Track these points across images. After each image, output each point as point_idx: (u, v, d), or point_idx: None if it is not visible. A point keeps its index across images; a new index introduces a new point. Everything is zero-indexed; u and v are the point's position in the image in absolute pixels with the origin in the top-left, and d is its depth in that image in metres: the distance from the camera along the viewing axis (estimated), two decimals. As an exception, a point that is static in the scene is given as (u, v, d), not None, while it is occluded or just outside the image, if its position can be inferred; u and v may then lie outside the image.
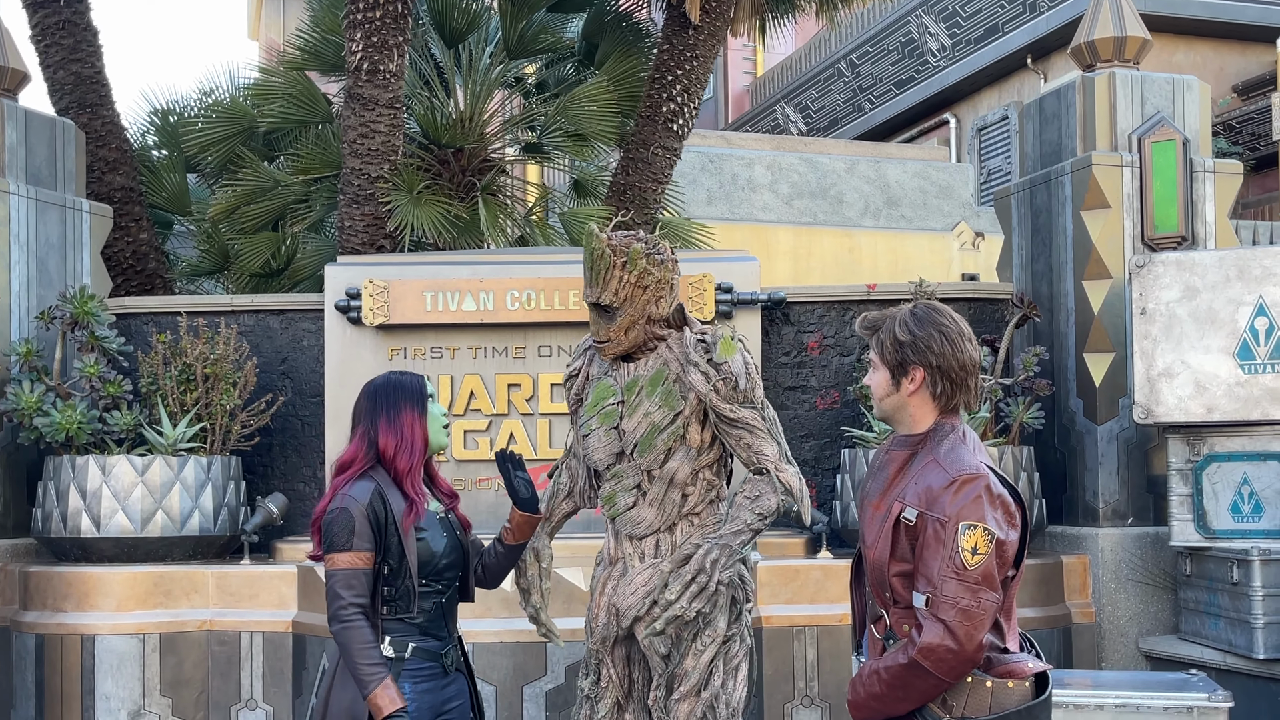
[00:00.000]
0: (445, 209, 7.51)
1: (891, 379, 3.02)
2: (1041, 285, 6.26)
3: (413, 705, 3.35)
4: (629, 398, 3.65)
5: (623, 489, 3.66)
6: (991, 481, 2.87)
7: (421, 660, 3.41)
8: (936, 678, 2.83)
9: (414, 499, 3.41)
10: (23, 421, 5.88)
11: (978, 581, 2.79)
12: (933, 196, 12.87)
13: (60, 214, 6.63)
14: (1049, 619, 5.56)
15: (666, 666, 3.63)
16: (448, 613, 3.52)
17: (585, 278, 3.62)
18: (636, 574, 3.65)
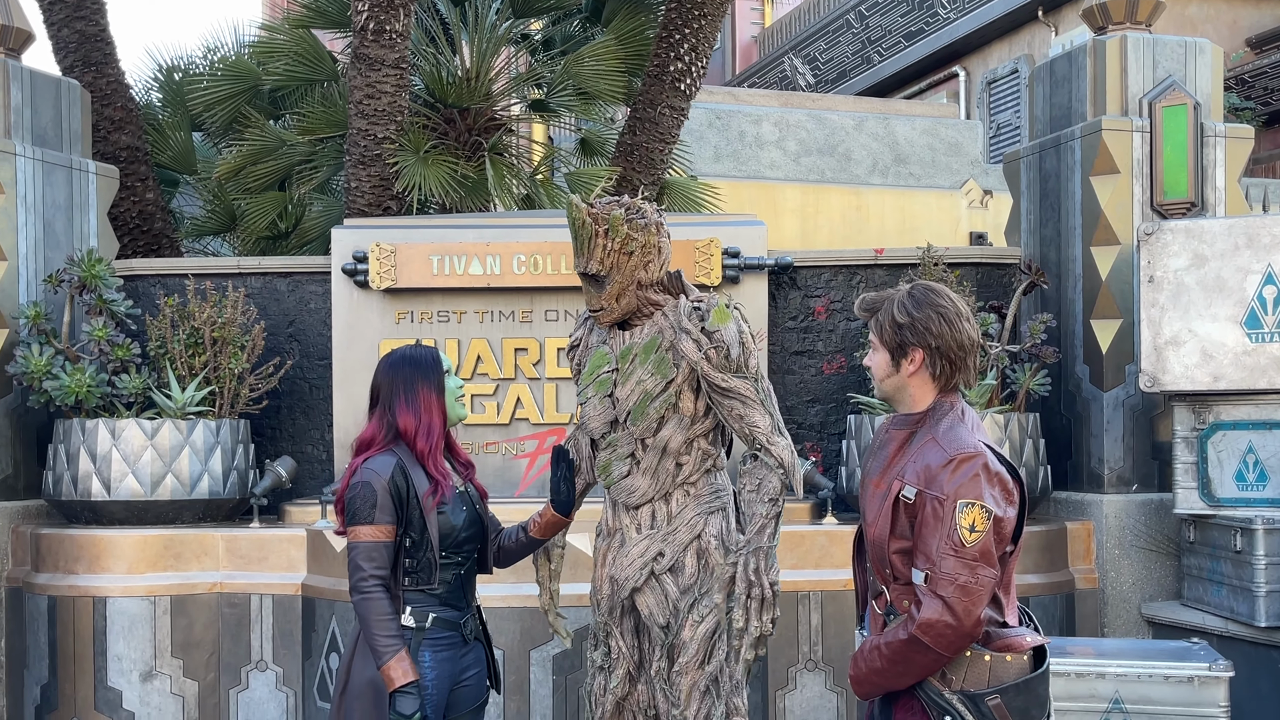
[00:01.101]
0: (452, 169, 7.48)
1: (891, 361, 3.07)
2: (1049, 251, 6.24)
3: (432, 673, 3.44)
4: (623, 365, 3.65)
5: (617, 457, 3.67)
6: (989, 459, 2.91)
7: (441, 630, 3.48)
8: (936, 653, 2.89)
9: (438, 480, 3.48)
10: (32, 384, 5.90)
11: (975, 558, 2.85)
12: (941, 154, 12.80)
13: (66, 175, 6.62)
14: (1052, 585, 5.60)
15: (666, 637, 3.64)
16: (466, 583, 3.60)
17: (573, 248, 3.62)
18: (633, 545, 3.66)
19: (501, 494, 5.95)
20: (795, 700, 5.57)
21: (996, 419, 5.57)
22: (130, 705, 5.62)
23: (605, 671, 3.80)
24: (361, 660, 3.44)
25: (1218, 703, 4.20)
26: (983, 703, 2.88)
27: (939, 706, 2.92)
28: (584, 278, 3.63)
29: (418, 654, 3.42)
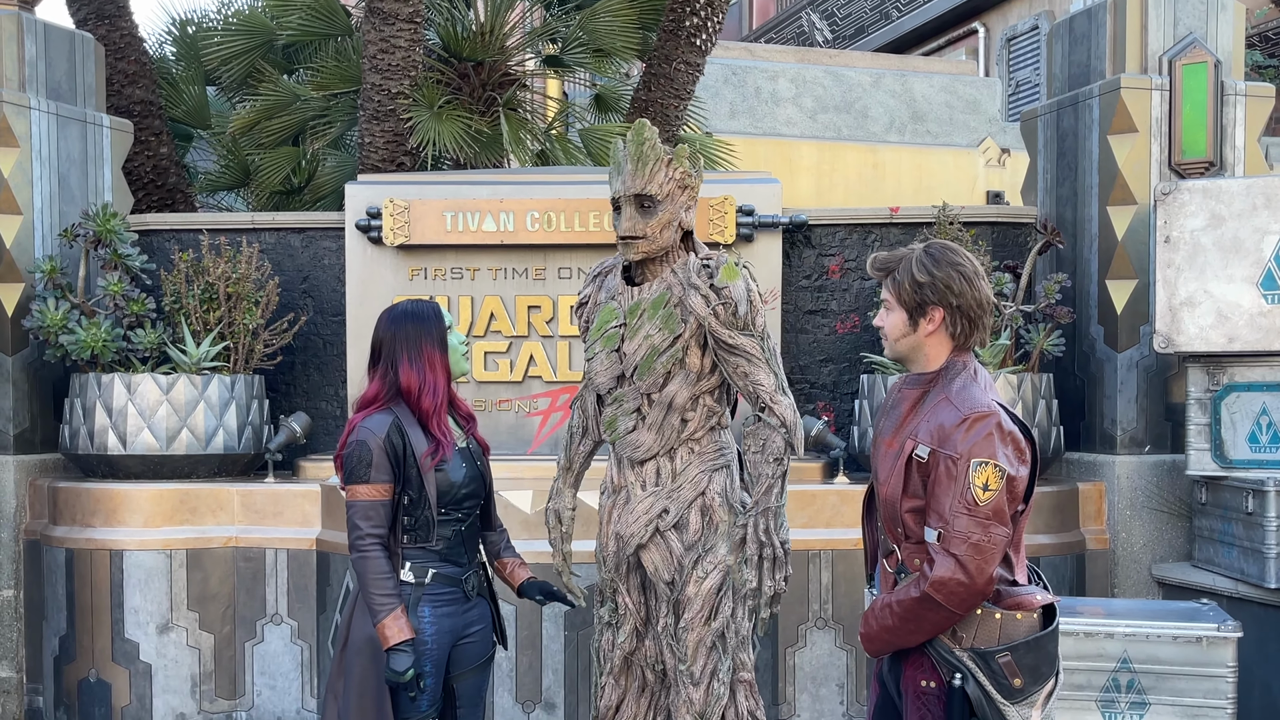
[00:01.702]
0: (466, 124, 7.46)
1: (909, 320, 3.06)
2: (1066, 210, 6.20)
3: (432, 628, 3.48)
4: (631, 320, 3.66)
5: (623, 413, 3.68)
6: (1002, 419, 2.93)
7: (442, 585, 3.51)
8: (948, 610, 2.91)
9: (439, 439, 3.51)
10: (48, 339, 5.93)
11: (988, 517, 2.87)
12: (959, 111, 12.70)
13: (81, 129, 6.62)
14: (1063, 545, 5.61)
15: (671, 593, 3.67)
16: (468, 540, 3.61)
17: (625, 170, 3.58)
18: (638, 502, 3.68)
19: (515, 451, 5.97)
20: (805, 658, 5.60)
21: (1010, 379, 5.56)
22: (147, 657, 5.69)
23: (613, 628, 3.83)
24: (361, 617, 3.48)
25: (1226, 663, 4.21)
26: (993, 660, 2.91)
27: (949, 664, 2.95)
28: (635, 200, 3.58)
29: (417, 609, 3.45)
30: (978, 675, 2.91)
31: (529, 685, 5.20)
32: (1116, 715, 4.26)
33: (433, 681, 3.50)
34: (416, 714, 3.47)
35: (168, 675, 5.71)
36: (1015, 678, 2.90)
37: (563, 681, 5.20)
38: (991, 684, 2.90)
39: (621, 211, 3.60)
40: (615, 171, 3.63)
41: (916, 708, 3.04)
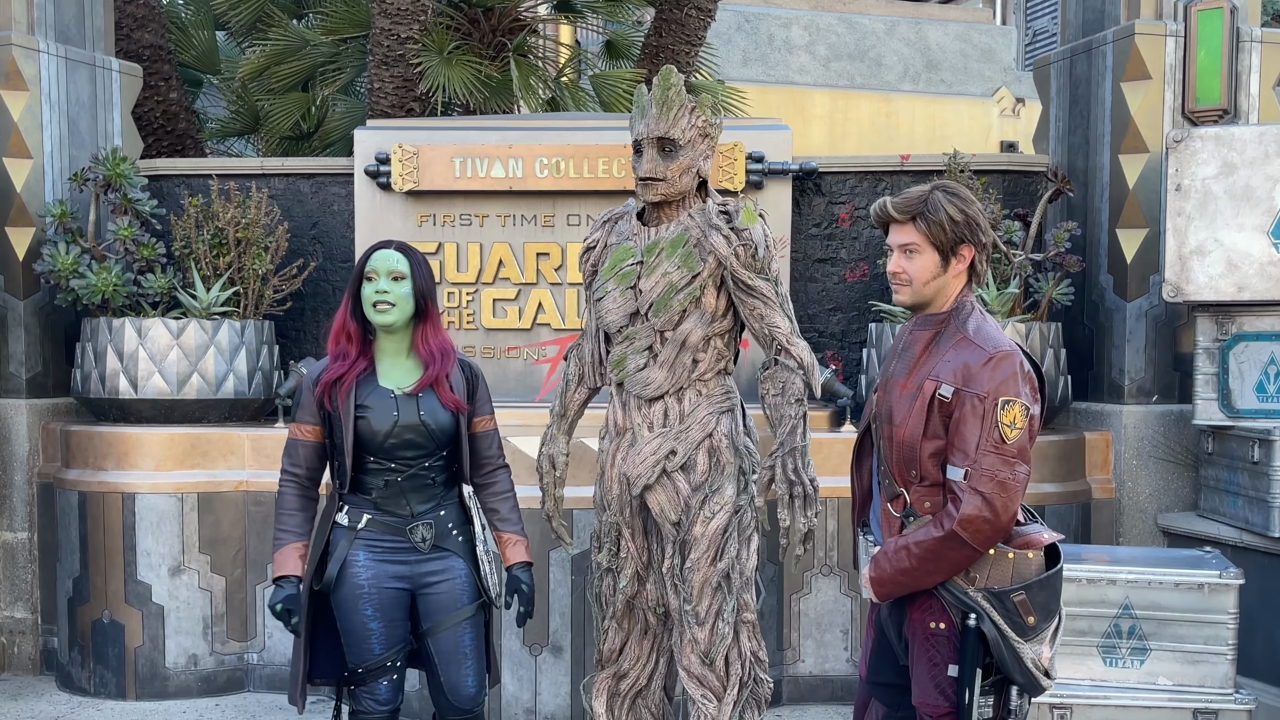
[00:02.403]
0: (476, 70, 7.42)
1: (940, 261, 3.06)
2: (1077, 158, 6.17)
3: (366, 573, 3.51)
4: (648, 259, 3.70)
5: (634, 350, 3.72)
6: (1021, 359, 2.96)
7: (379, 532, 3.53)
8: (972, 548, 2.95)
9: (325, 381, 3.50)
10: (59, 283, 5.96)
11: (1014, 455, 2.91)
12: (974, 60, 12.59)
13: (90, 73, 6.61)
14: (1069, 494, 5.62)
15: (678, 533, 3.71)
16: (407, 492, 3.55)
17: (649, 114, 3.65)
18: (645, 443, 3.72)
19: (523, 399, 5.99)
20: (810, 604, 5.64)
21: (1018, 327, 5.55)
22: (159, 599, 5.75)
23: (614, 572, 3.87)
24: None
25: (1227, 609, 4.23)
26: (1008, 599, 2.94)
27: (963, 604, 2.96)
28: (654, 144, 3.64)
29: (351, 553, 3.50)
30: (993, 615, 2.94)
31: (536, 629, 5.25)
32: (1118, 660, 4.29)
33: (377, 625, 3.52)
34: (369, 656, 3.53)
35: (180, 617, 5.78)
36: (1029, 615, 2.94)
37: (569, 625, 5.24)
38: (1006, 623, 2.93)
39: (643, 153, 3.65)
40: (638, 115, 3.70)
41: (926, 650, 3.05)
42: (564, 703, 5.25)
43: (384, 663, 3.55)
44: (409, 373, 3.57)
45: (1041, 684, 2.96)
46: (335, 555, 3.51)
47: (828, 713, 5.48)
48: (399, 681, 3.62)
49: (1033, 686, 2.97)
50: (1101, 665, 4.30)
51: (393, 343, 3.57)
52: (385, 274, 3.51)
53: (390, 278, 3.51)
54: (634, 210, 3.89)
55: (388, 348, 3.57)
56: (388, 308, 3.47)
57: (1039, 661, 2.94)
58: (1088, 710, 4.25)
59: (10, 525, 6.22)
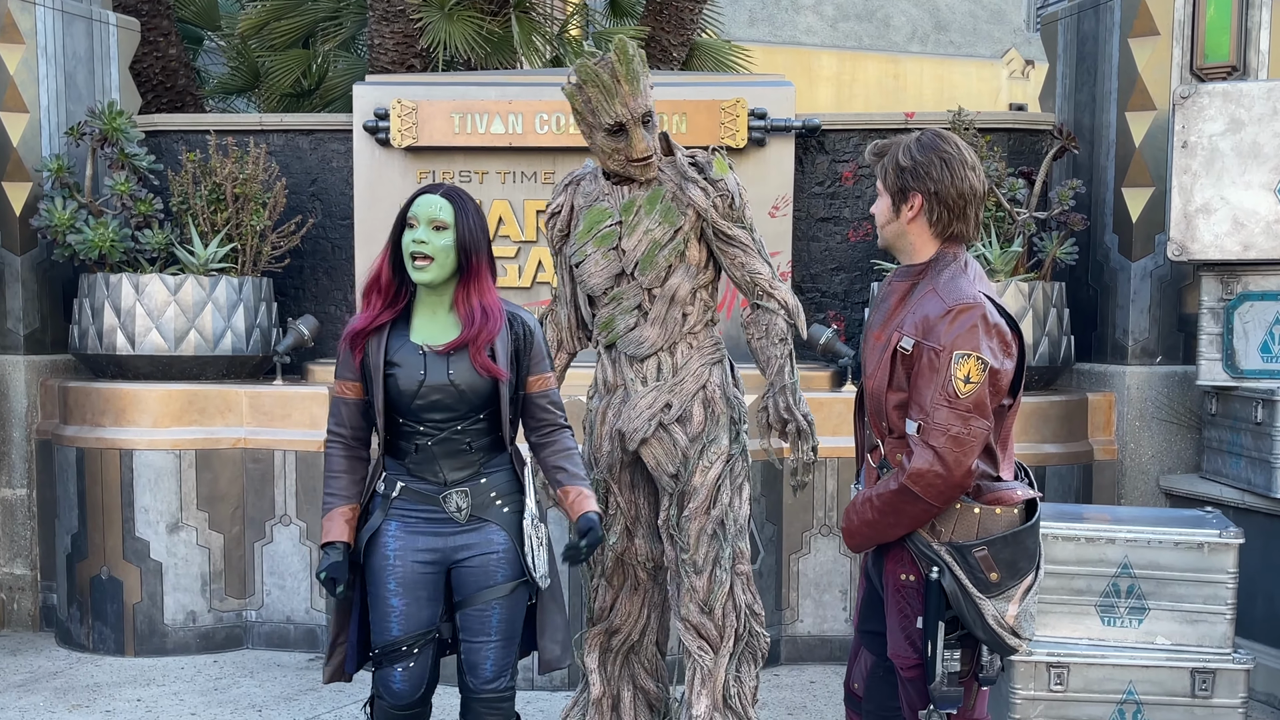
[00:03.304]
0: (478, 26, 7.35)
1: (892, 205, 3.06)
2: (1084, 116, 6.09)
3: (395, 544, 3.25)
4: (627, 218, 3.69)
5: (622, 310, 3.72)
6: (988, 310, 2.90)
7: (412, 502, 3.27)
8: (925, 502, 2.92)
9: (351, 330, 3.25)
10: (56, 238, 5.92)
11: (969, 409, 2.86)
12: (983, 21, 12.47)
13: (86, 26, 6.55)
14: (1070, 455, 5.58)
15: (676, 485, 3.74)
16: (439, 459, 3.25)
17: (621, 92, 3.55)
18: (640, 398, 3.73)
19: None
20: (809, 564, 5.62)
21: (1021, 287, 5.49)
22: (158, 555, 5.75)
23: (604, 529, 3.84)
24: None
25: (1226, 569, 4.19)
26: (970, 554, 2.91)
27: (927, 558, 2.96)
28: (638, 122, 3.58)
29: (384, 523, 3.27)
30: (954, 569, 2.92)
31: (533, 586, 5.23)
32: (1115, 620, 4.26)
33: (399, 603, 3.25)
34: (386, 637, 3.27)
35: (178, 574, 5.77)
36: (991, 572, 2.91)
37: (566, 582, 5.20)
38: (968, 577, 2.91)
39: (630, 134, 3.59)
40: (605, 95, 3.56)
41: (896, 601, 3.06)
42: (560, 660, 5.24)
43: (400, 646, 3.25)
44: (445, 329, 3.22)
45: (1007, 642, 2.92)
46: (369, 524, 3.28)
47: (826, 672, 5.46)
48: (419, 674, 3.29)
49: (997, 644, 2.94)
50: (1099, 624, 4.27)
51: (434, 295, 3.21)
52: (426, 222, 3.14)
53: (431, 226, 3.13)
54: (594, 171, 3.84)
55: (427, 300, 3.22)
56: (426, 263, 3.12)
57: (1001, 618, 2.90)
58: (1085, 669, 4.22)
59: (9, 482, 6.22)
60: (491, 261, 3.25)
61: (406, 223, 3.18)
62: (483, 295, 3.18)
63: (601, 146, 3.66)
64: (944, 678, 2.93)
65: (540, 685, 5.16)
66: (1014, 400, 3.01)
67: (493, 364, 3.17)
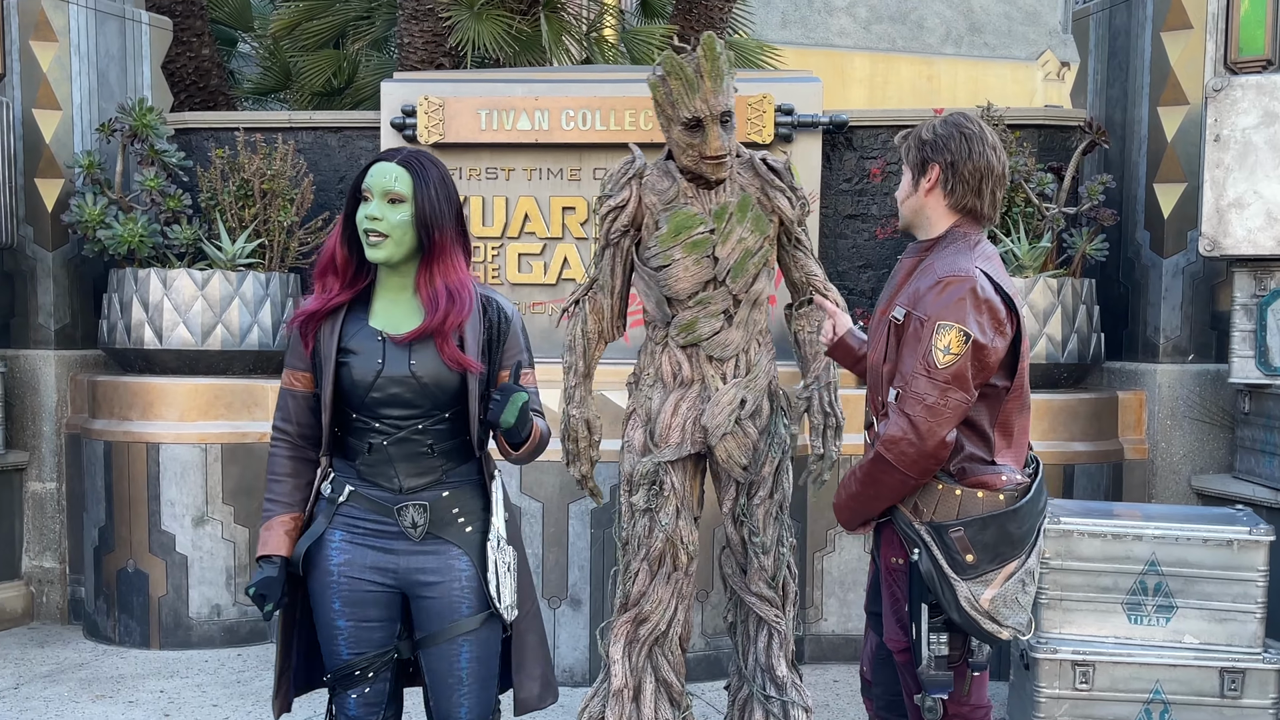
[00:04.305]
0: (507, 24, 7.36)
1: (912, 180, 3.08)
2: (1115, 112, 6.01)
3: (339, 557, 2.85)
4: (720, 226, 3.74)
5: (708, 315, 3.79)
6: (979, 284, 2.88)
7: (362, 509, 2.86)
8: (900, 472, 2.91)
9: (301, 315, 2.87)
10: (86, 234, 5.97)
11: (947, 381, 2.85)
12: (1018, 23, 12.37)
13: (119, 25, 6.60)
14: (1100, 454, 5.50)
15: (747, 476, 3.87)
16: (395, 461, 2.84)
17: (703, 88, 3.57)
18: (722, 394, 3.80)
19: (548, 355, 5.92)
20: (833, 562, 5.57)
21: (1049, 283, 5.43)
22: (183, 549, 5.77)
23: (652, 512, 3.85)
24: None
25: (1256, 566, 4.11)
26: (947, 534, 2.90)
27: (909, 538, 2.97)
28: (716, 120, 3.60)
29: (328, 531, 2.86)
30: (932, 548, 2.91)
31: (555, 581, 5.22)
32: (1143, 617, 4.19)
33: (345, 624, 2.86)
34: (337, 661, 2.90)
35: (203, 567, 5.79)
36: (968, 553, 2.89)
37: (589, 578, 5.20)
38: (944, 557, 2.90)
39: (707, 131, 3.63)
40: (687, 89, 3.60)
41: (888, 584, 3.08)
42: (582, 655, 5.21)
43: (353, 670, 2.88)
44: (408, 315, 2.84)
45: (982, 626, 2.90)
46: (310, 531, 2.87)
47: (850, 671, 5.41)
48: (376, 699, 2.92)
49: (972, 628, 2.91)
50: (1126, 622, 4.20)
51: (395, 276, 2.84)
52: (380, 194, 2.76)
53: (386, 199, 2.75)
54: (662, 166, 3.83)
55: (389, 281, 2.85)
56: (379, 240, 2.74)
57: (975, 601, 2.88)
58: (1111, 668, 4.16)
59: (39, 476, 6.27)
60: (464, 238, 2.87)
61: (360, 195, 2.80)
62: (448, 276, 2.79)
63: (677, 140, 3.69)
64: (930, 661, 2.92)
65: (560, 680, 5.13)
66: (1011, 384, 2.98)
67: (463, 354, 2.79)
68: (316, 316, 2.84)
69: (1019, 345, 2.96)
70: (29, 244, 6.25)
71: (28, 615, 6.24)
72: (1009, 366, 2.96)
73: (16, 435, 6.24)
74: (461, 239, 2.86)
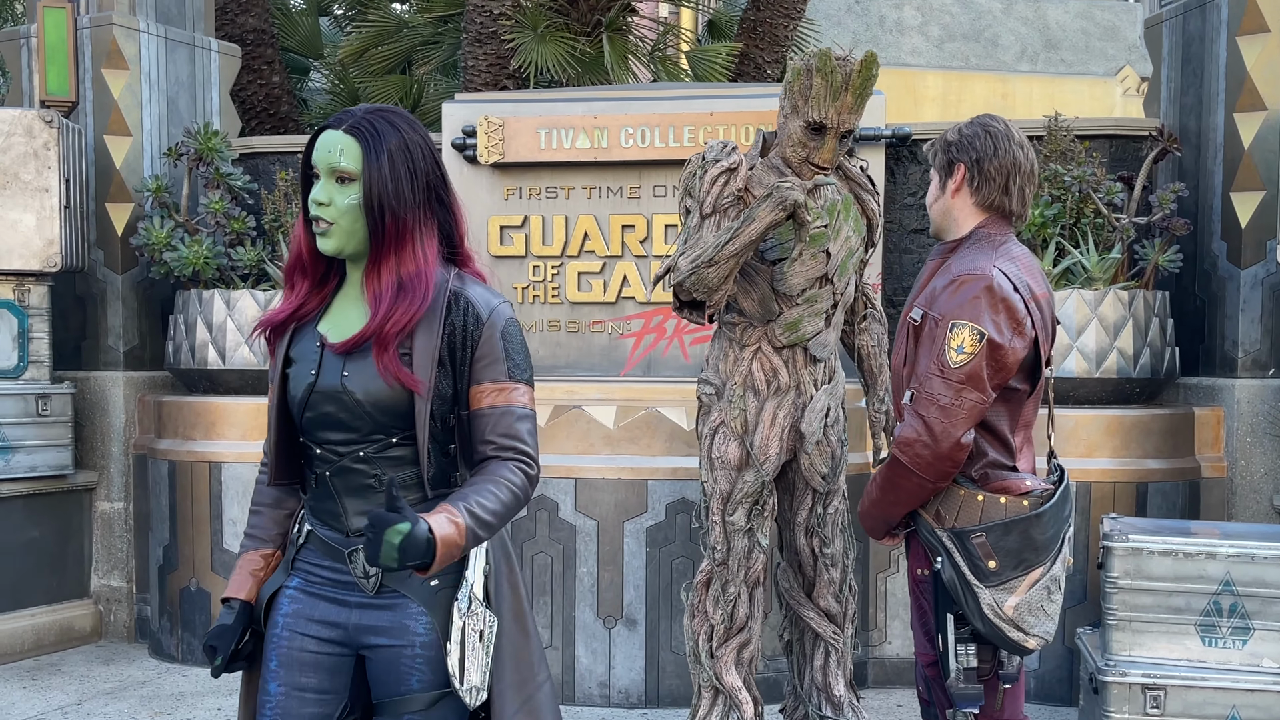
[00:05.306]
0: (570, 46, 7.36)
1: (940, 182, 3.02)
2: (1189, 120, 5.83)
3: (289, 607, 2.34)
4: (832, 222, 3.68)
5: (813, 314, 3.72)
6: (996, 283, 2.80)
7: (318, 554, 2.34)
8: (917, 475, 2.83)
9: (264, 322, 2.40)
10: (153, 256, 6.06)
11: (961, 381, 2.78)
12: (1096, 38, 12.14)
13: (189, 53, 6.72)
14: (1176, 472, 5.30)
15: (825, 485, 3.85)
16: (340, 495, 2.30)
17: (843, 100, 3.51)
18: (816, 400, 3.78)
19: (607, 373, 5.89)
20: (897, 583, 5.43)
21: (1120, 295, 5.26)
22: (246, 567, 5.79)
23: (753, 531, 3.81)
24: None
25: (1338, 587, 3.92)
26: (969, 540, 2.81)
27: (932, 546, 2.89)
28: (837, 133, 3.56)
29: (289, 579, 2.38)
30: (954, 555, 2.82)
31: (610, 601, 5.14)
32: (1217, 640, 4.00)
33: (276, 688, 2.32)
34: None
35: (265, 586, 5.80)
36: (990, 560, 2.80)
37: (644, 598, 5.12)
38: (966, 564, 2.81)
39: (826, 140, 3.58)
40: (828, 93, 3.52)
41: (914, 595, 3.03)
42: (638, 677, 5.13)
43: None
44: (359, 318, 2.30)
45: (1008, 635, 2.80)
46: (271, 579, 2.42)
47: (915, 696, 5.25)
48: None
49: (997, 637, 2.81)
50: (1200, 645, 4.02)
51: (356, 270, 2.32)
52: (327, 172, 2.24)
53: (333, 178, 2.24)
54: (763, 160, 3.75)
55: (351, 278, 2.35)
56: (327, 227, 2.24)
57: (999, 609, 2.78)
58: (1184, 692, 3.97)
59: (108, 495, 6.35)
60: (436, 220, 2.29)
61: (310, 173, 2.29)
62: (405, 265, 2.22)
63: (792, 133, 3.62)
64: (959, 674, 2.82)
65: (616, 701, 5.05)
66: (1031, 387, 2.90)
67: (400, 368, 2.20)
68: (280, 325, 2.36)
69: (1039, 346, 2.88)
70: (99, 267, 6.36)
71: (96, 633, 6.31)
72: (1031, 371, 2.87)
73: (86, 456, 6.33)
74: (435, 222, 2.29)
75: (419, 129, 2.29)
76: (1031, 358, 2.87)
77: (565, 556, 5.16)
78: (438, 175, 2.30)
